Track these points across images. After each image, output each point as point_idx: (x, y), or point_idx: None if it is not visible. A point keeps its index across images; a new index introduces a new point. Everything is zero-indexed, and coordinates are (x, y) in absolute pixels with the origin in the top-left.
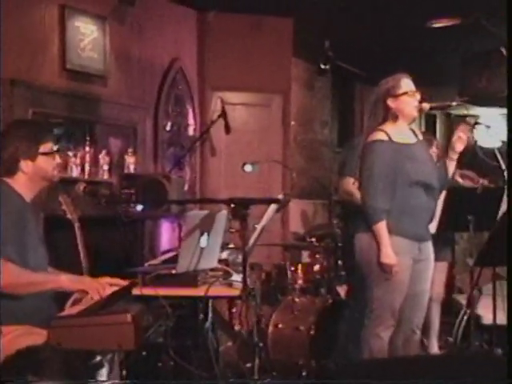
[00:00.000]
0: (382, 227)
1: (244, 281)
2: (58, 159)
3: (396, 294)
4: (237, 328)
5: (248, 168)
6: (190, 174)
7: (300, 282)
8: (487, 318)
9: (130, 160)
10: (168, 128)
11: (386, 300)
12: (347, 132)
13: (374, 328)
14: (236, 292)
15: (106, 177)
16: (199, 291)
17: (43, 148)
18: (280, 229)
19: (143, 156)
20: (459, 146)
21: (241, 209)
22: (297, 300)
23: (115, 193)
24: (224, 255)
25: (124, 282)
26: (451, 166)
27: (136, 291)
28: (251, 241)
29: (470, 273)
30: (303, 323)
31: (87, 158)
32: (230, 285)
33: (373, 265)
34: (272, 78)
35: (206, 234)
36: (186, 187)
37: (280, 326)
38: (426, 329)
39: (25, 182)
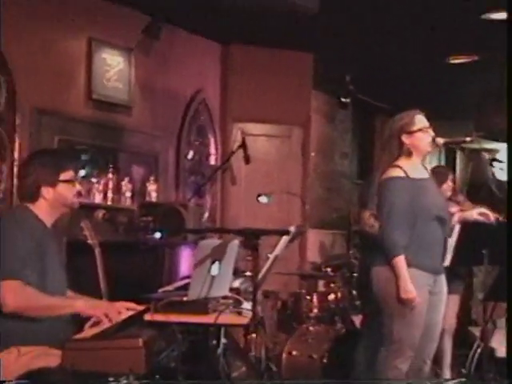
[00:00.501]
0: (400, 261)
1: (253, 310)
2: (78, 187)
3: (415, 327)
4: (252, 354)
5: (263, 199)
6: (211, 202)
7: (315, 310)
8: (501, 351)
9: (151, 188)
10: (190, 157)
11: (406, 333)
12: (367, 164)
13: (393, 360)
14: (245, 320)
15: (128, 204)
16: (209, 319)
17: (64, 176)
18: (298, 258)
19: (165, 184)
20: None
21: (252, 239)
22: (311, 328)
23: (133, 220)
24: (236, 284)
25: (139, 307)
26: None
27: (148, 317)
28: (263, 270)
29: (484, 306)
30: (317, 351)
31: (110, 184)
32: (240, 313)
33: (391, 298)
34: (292, 110)
35: (217, 262)
36: (206, 215)
37: (294, 353)
38: (438, 359)
39: (46, 208)
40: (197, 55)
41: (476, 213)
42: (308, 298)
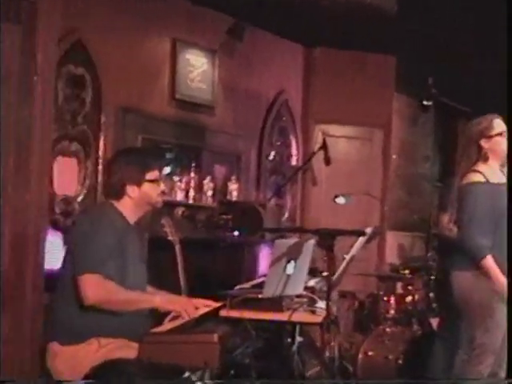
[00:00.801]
0: (490, 260)
1: (327, 309)
2: (162, 186)
3: (498, 332)
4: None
5: (340, 200)
6: (291, 202)
7: (392, 312)
8: None
9: (232, 187)
10: (271, 157)
11: (489, 339)
12: (449, 167)
13: (476, 366)
14: (319, 319)
15: (209, 202)
16: (283, 316)
17: (149, 175)
18: (376, 259)
19: (246, 183)
20: None
21: (327, 239)
22: (388, 329)
23: (212, 218)
24: (311, 283)
25: (216, 304)
26: None
27: (223, 313)
28: (339, 270)
29: None
30: (392, 352)
31: (192, 183)
32: (314, 312)
33: (472, 304)
34: (373, 112)
35: (292, 261)
36: (286, 215)
37: (370, 353)
38: None
39: (130, 205)
40: (279, 57)
41: None
42: (385, 299)
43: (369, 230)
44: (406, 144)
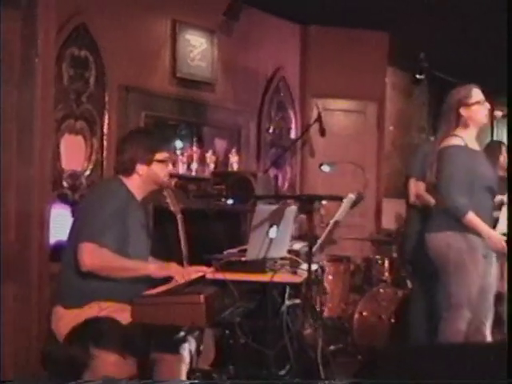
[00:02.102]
0: (473, 216)
1: (309, 270)
2: (170, 167)
3: (471, 286)
4: (325, 314)
5: (325, 168)
6: (291, 172)
7: (386, 274)
8: None
9: (233, 159)
10: (271, 131)
11: (463, 293)
12: None
13: (454, 321)
14: (299, 280)
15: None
16: (266, 277)
17: (158, 156)
18: (373, 225)
19: (247, 156)
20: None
21: (307, 204)
22: (381, 291)
23: (204, 188)
24: (297, 246)
25: (208, 270)
26: None
27: (209, 275)
28: (323, 235)
29: None
30: (385, 312)
31: (194, 157)
32: (295, 273)
33: (449, 263)
34: (368, 86)
35: (275, 226)
36: (286, 184)
37: (364, 313)
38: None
39: (138, 183)
40: (277, 35)
41: None
42: (380, 262)
43: (352, 196)
44: (402, 116)
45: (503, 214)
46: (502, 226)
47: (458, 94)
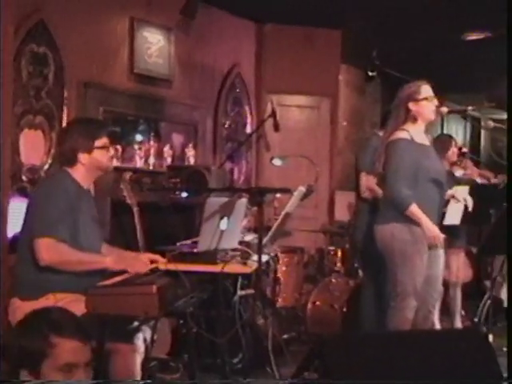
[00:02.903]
0: (415, 208)
1: (259, 261)
2: (111, 152)
3: (416, 276)
4: (279, 304)
5: (276, 162)
6: (246, 166)
7: (338, 264)
8: None
9: (190, 153)
10: (226, 126)
11: (409, 282)
12: None
13: (401, 310)
14: (249, 270)
15: None
16: (217, 268)
17: (98, 142)
18: (326, 217)
19: (203, 150)
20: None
21: (257, 197)
22: (333, 280)
23: (158, 181)
24: (249, 238)
25: (162, 259)
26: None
27: (161, 266)
28: (274, 226)
29: (491, 261)
30: (337, 301)
31: (152, 151)
32: (245, 263)
33: (394, 253)
34: (321, 82)
35: (225, 218)
36: (242, 178)
37: (317, 303)
38: (450, 310)
39: (83, 171)
40: (233, 33)
41: (477, 173)
42: (332, 253)
43: (302, 189)
44: (355, 112)
45: (450, 207)
46: (449, 219)
47: (408, 90)
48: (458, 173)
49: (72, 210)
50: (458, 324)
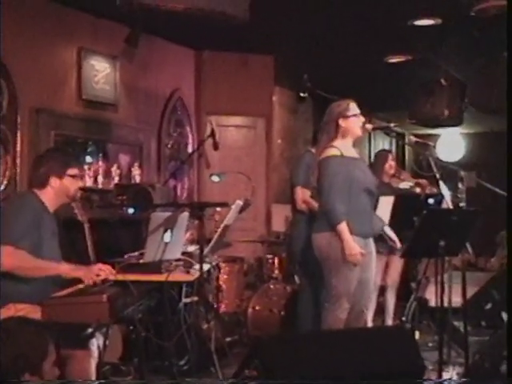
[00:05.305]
0: (344, 226)
1: (200, 270)
2: (80, 183)
3: (350, 281)
4: (222, 310)
5: (215, 178)
6: (189, 183)
7: (276, 272)
8: (433, 302)
9: (136, 172)
10: (169, 146)
11: (343, 286)
12: None
13: (334, 311)
14: (191, 278)
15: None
16: (161, 277)
17: (70, 171)
18: (264, 228)
19: (148, 169)
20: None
21: (197, 211)
22: (272, 287)
23: (106, 199)
24: (192, 249)
25: (112, 270)
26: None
27: (110, 277)
28: (214, 237)
29: (415, 265)
30: (276, 306)
31: (100, 171)
32: (188, 272)
33: (330, 258)
34: (257, 104)
35: (169, 231)
36: (185, 194)
37: (257, 308)
38: (384, 311)
39: (51, 195)
40: (173, 60)
41: (414, 182)
42: (270, 261)
43: (240, 202)
44: (289, 130)
45: (379, 211)
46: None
47: (338, 107)
48: (403, 185)
49: (36, 228)
50: (390, 323)
